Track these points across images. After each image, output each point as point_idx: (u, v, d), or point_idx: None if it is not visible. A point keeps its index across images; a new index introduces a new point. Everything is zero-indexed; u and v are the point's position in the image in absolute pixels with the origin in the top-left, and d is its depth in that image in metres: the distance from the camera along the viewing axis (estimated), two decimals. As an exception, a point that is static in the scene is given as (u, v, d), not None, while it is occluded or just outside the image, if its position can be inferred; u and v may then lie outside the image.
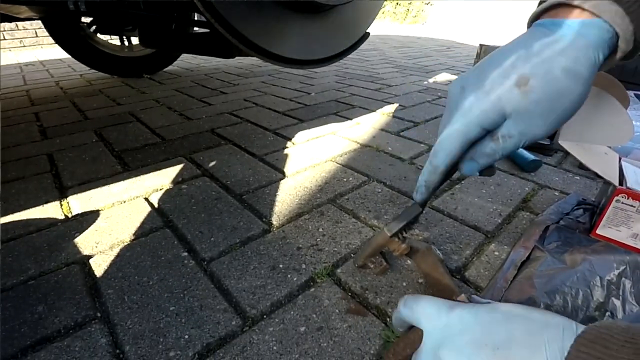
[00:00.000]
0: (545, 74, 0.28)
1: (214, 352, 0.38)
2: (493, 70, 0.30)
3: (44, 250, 0.54)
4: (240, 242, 0.56)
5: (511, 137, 0.31)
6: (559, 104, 0.28)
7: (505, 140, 0.31)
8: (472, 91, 0.31)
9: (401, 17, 6.46)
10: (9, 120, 1.16)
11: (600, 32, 0.26)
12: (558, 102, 0.28)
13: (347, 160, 0.84)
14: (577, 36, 0.27)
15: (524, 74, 0.28)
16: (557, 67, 0.27)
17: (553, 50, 0.27)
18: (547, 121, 0.29)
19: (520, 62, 0.29)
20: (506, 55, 0.30)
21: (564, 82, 0.27)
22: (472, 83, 0.31)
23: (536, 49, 0.28)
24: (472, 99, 0.31)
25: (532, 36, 0.29)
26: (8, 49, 2.97)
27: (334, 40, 1.12)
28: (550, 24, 0.28)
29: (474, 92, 0.31)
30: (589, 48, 0.26)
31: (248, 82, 1.72)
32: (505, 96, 0.29)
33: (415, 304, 0.32)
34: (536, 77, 0.28)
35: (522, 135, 0.30)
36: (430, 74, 1.89)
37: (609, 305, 0.42)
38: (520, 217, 0.61)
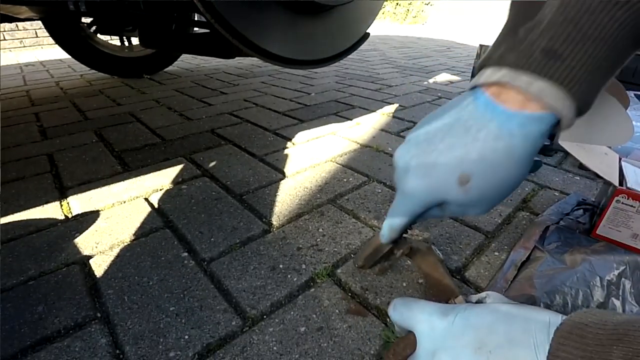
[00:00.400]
0: (486, 173, 0.27)
1: (214, 352, 0.38)
2: (436, 154, 0.29)
3: (44, 250, 0.54)
4: (240, 242, 0.56)
5: (453, 212, 0.33)
6: (499, 193, 0.29)
7: (450, 212, 0.33)
8: (414, 176, 0.31)
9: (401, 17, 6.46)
10: (9, 121, 1.16)
11: (544, 124, 0.26)
12: (498, 192, 0.29)
13: (347, 161, 0.84)
14: (521, 130, 0.26)
15: (464, 172, 0.28)
16: (498, 165, 0.27)
17: (495, 145, 0.26)
18: (488, 206, 0.30)
19: (462, 155, 0.28)
20: (448, 138, 0.29)
21: (504, 176, 0.27)
22: (415, 166, 0.31)
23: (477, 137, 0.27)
24: (416, 185, 0.31)
25: (476, 117, 0.28)
26: (8, 49, 2.97)
27: (334, 41, 1.12)
28: (493, 110, 0.27)
29: (418, 177, 0.31)
30: (532, 139, 0.26)
31: (248, 82, 1.72)
32: (447, 191, 0.29)
33: (406, 309, 0.32)
34: (477, 177, 0.28)
35: (464, 214, 0.32)
36: (430, 74, 1.89)
37: (609, 305, 0.42)
38: (520, 217, 0.61)
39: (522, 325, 0.25)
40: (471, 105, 0.28)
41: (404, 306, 0.33)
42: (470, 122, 0.28)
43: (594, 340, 0.21)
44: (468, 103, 0.29)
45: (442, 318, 0.29)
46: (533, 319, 0.25)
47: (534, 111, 0.25)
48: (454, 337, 0.28)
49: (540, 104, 0.25)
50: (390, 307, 0.34)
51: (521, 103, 0.26)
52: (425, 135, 0.31)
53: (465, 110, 0.29)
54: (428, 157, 0.30)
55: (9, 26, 2.94)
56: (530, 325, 0.25)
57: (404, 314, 0.32)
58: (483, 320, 0.27)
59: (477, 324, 0.27)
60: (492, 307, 0.28)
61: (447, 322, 0.29)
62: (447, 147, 0.29)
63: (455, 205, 0.31)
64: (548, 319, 0.25)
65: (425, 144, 0.31)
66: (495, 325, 0.26)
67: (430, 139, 0.30)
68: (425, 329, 0.30)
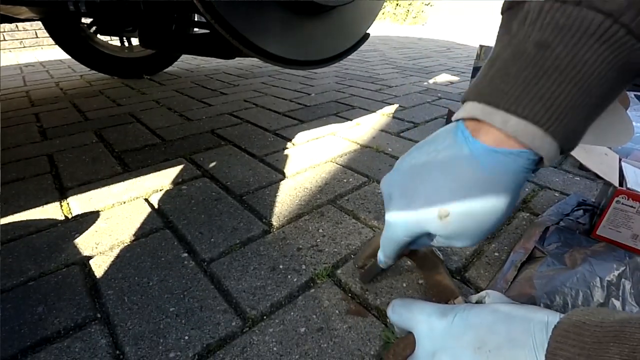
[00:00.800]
0: (464, 206, 0.27)
1: (214, 353, 0.38)
2: (416, 185, 0.30)
3: (44, 251, 0.54)
4: (240, 242, 0.56)
5: (441, 243, 0.32)
6: (481, 227, 0.28)
7: (437, 242, 0.33)
8: (397, 206, 0.32)
9: (401, 18, 6.46)
10: (9, 121, 1.16)
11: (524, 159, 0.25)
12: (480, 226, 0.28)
13: (347, 161, 0.84)
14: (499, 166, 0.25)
15: (443, 207, 0.28)
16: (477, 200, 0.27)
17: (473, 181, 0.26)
18: (472, 239, 0.30)
19: (441, 186, 0.28)
20: (429, 168, 0.29)
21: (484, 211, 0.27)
22: (398, 195, 0.32)
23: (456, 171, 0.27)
24: (398, 216, 0.32)
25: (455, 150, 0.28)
26: (8, 50, 2.97)
27: (334, 41, 1.12)
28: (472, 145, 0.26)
29: (400, 208, 0.31)
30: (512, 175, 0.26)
31: (248, 82, 1.72)
32: (427, 223, 0.30)
33: (405, 310, 0.32)
34: (456, 210, 0.27)
35: (451, 245, 0.32)
36: (430, 74, 1.89)
37: (609, 306, 0.41)
38: (520, 218, 0.61)
39: (521, 325, 0.25)
40: (452, 138, 0.28)
41: (403, 307, 0.33)
42: (450, 156, 0.28)
43: (591, 338, 0.21)
44: (450, 136, 0.29)
45: (441, 318, 0.29)
46: (532, 319, 0.25)
47: (512, 147, 0.25)
48: (454, 337, 0.28)
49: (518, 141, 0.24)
50: (389, 308, 0.34)
51: (499, 140, 0.25)
52: (409, 165, 0.32)
53: (446, 144, 0.29)
54: (409, 189, 0.30)
55: (9, 27, 2.94)
56: (530, 325, 0.25)
57: (403, 315, 0.32)
58: (483, 320, 0.27)
59: (477, 324, 0.27)
60: (491, 307, 0.28)
61: (446, 323, 0.29)
62: (427, 180, 0.29)
63: (439, 237, 0.31)
64: (547, 318, 0.25)
65: (407, 174, 0.31)
66: (494, 325, 0.26)
67: (413, 169, 0.31)
68: (425, 329, 0.30)
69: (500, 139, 0.25)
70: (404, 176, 0.31)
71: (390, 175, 0.33)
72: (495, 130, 0.25)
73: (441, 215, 0.28)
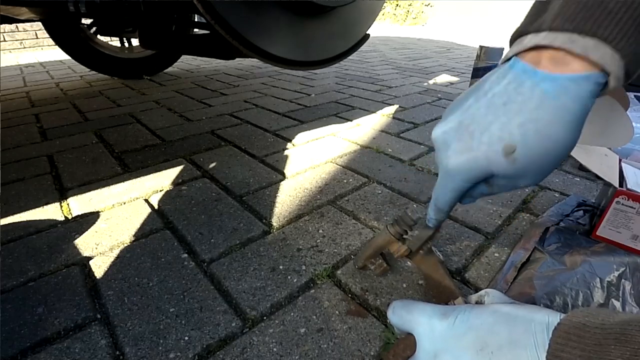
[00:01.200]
0: (532, 140, 0.26)
1: (214, 353, 0.38)
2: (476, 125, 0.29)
3: (44, 251, 0.54)
4: (240, 243, 0.56)
5: (502, 186, 0.31)
6: (547, 161, 0.27)
7: (498, 187, 0.32)
8: (457, 151, 0.30)
9: (401, 18, 6.46)
10: (9, 122, 1.16)
11: (591, 83, 0.24)
12: (548, 160, 0.27)
13: (347, 162, 0.84)
14: (566, 92, 0.24)
15: (510, 142, 0.27)
16: (544, 131, 0.26)
17: (539, 111, 0.25)
18: (538, 176, 0.29)
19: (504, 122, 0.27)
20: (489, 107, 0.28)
21: (551, 143, 0.26)
22: (456, 139, 0.30)
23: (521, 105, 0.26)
24: (459, 160, 0.30)
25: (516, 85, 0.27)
26: (8, 51, 2.98)
27: (334, 42, 1.12)
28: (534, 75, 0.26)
29: (460, 152, 0.30)
30: (579, 101, 0.25)
31: (248, 83, 1.73)
32: (492, 162, 0.28)
33: (405, 311, 0.32)
34: (523, 144, 0.26)
35: (513, 186, 0.31)
36: (430, 75, 1.89)
37: (609, 306, 0.41)
38: (520, 218, 0.61)
39: (523, 325, 0.25)
40: (510, 74, 0.27)
41: (403, 309, 0.33)
42: (511, 90, 0.27)
43: (592, 340, 0.21)
44: (507, 73, 0.28)
45: (442, 320, 0.29)
46: (533, 319, 0.25)
47: (578, 71, 0.24)
48: (455, 338, 0.28)
49: (585, 62, 0.24)
50: (389, 310, 0.34)
51: (564, 64, 0.24)
52: (462, 109, 0.30)
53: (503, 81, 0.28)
54: (468, 131, 0.29)
55: (9, 27, 2.94)
56: (531, 326, 0.25)
57: (403, 316, 0.32)
58: (484, 321, 0.27)
59: (478, 325, 0.27)
60: (492, 308, 0.28)
61: (447, 324, 0.29)
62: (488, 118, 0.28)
63: (503, 178, 0.30)
64: (547, 319, 0.25)
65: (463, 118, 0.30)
66: (496, 326, 0.26)
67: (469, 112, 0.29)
68: (426, 331, 0.30)
69: (566, 63, 0.24)
70: (459, 120, 0.30)
71: (442, 123, 0.32)
72: (559, 54, 0.24)
73: (507, 151, 0.27)
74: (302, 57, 1.03)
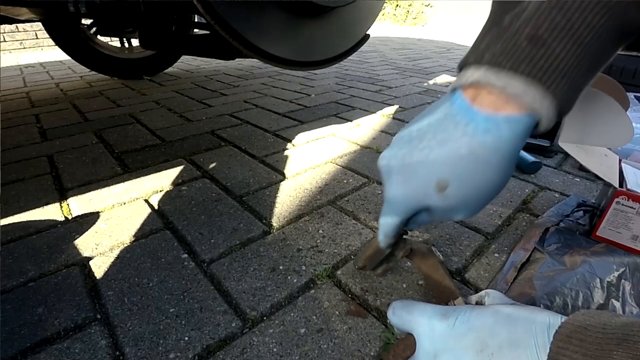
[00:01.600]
0: (463, 177, 0.27)
1: (214, 353, 0.38)
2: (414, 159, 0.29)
3: (44, 252, 0.54)
4: (240, 243, 0.56)
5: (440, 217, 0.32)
6: (480, 196, 0.28)
7: (438, 218, 0.33)
8: (396, 182, 0.32)
9: (401, 18, 6.46)
10: (9, 122, 1.16)
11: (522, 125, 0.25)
12: (479, 196, 0.28)
13: (347, 162, 0.84)
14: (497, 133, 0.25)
15: (442, 179, 0.28)
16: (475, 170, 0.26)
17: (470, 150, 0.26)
18: (471, 210, 0.30)
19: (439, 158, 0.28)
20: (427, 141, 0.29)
21: (483, 180, 0.27)
22: (396, 171, 0.31)
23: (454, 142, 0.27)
24: (397, 191, 0.32)
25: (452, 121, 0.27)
26: (8, 51, 2.98)
27: (334, 42, 1.12)
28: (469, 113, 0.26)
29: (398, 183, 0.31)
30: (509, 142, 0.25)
31: (248, 83, 1.73)
32: (426, 197, 0.30)
33: (405, 312, 0.32)
34: (454, 181, 0.27)
35: (450, 218, 0.32)
36: (430, 75, 1.89)
37: (609, 306, 0.42)
38: (520, 218, 0.61)
39: (523, 327, 0.25)
40: (448, 108, 0.28)
41: (403, 309, 0.33)
42: (446, 126, 0.28)
43: (593, 345, 0.21)
44: (446, 107, 0.28)
45: (442, 320, 0.29)
46: (534, 321, 0.25)
47: (510, 113, 0.25)
48: (455, 339, 0.28)
49: (518, 105, 0.24)
50: (389, 310, 0.34)
51: (498, 105, 0.25)
52: (406, 139, 0.31)
53: (442, 114, 0.28)
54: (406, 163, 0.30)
55: (9, 28, 2.94)
56: (531, 327, 0.25)
57: (403, 317, 0.32)
58: (484, 322, 0.27)
59: (478, 326, 0.27)
60: (492, 309, 0.28)
61: (447, 325, 0.29)
62: (423, 153, 0.29)
63: (438, 210, 0.31)
64: (548, 320, 0.25)
65: (405, 148, 0.31)
66: (496, 327, 0.26)
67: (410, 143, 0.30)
68: (426, 331, 0.30)
69: (499, 105, 0.25)
70: (401, 150, 0.31)
71: (388, 151, 0.33)
72: (494, 95, 0.25)
73: (440, 187, 0.28)
74: (302, 58, 1.03)
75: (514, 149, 0.26)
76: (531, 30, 0.23)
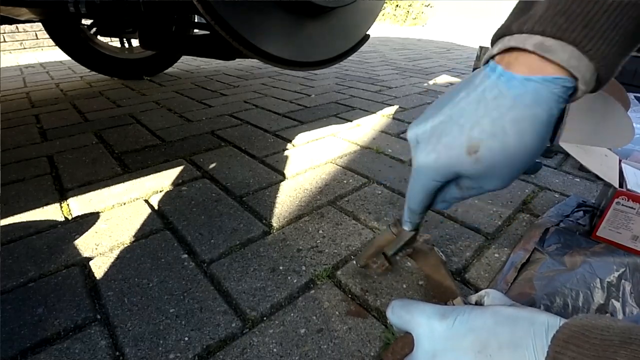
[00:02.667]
0: (496, 139, 0.26)
1: (214, 354, 0.38)
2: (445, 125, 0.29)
3: (43, 252, 0.54)
4: (240, 244, 0.56)
5: (472, 189, 0.32)
6: (513, 163, 0.27)
7: (468, 190, 0.32)
8: (425, 149, 0.31)
9: (401, 19, 6.47)
10: (9, 122, 1.16)
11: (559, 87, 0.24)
12: (512, 162, 0.27)
13: (347, 162, 0.84)
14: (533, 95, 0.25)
15: (473, 140, 0.27)
16: (509, 131, 0.26)
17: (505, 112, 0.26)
18: (503, 178, 0.29)
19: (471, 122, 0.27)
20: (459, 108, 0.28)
21: (516, 145, 0.26)
22: (425, 139, 0.31)
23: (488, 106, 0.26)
24: (426, 158, 0.31)
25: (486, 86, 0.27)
26: (8, 51, 2.98)
27: (334, 42, 1.12)
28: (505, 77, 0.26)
29: (428, 150, 0.31)
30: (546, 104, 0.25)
31: (248, 84, 1.73)
32: (457, 161, 0.29)
33: (405, 311, 0.32)
34: (486, 144, 0.27)
35: (482, 189, 0.31)
36: (430, 75, 1.89)
37: (609, 307, 0.42)
38: (520, 219, 0.61)
39: (522, 328, 0.25)
40: (483, 75, 0.28)
41: (403, 309, 0.33)
42: (482, 91, 0.27)
43: (591, 349, 0.21)
44: (480, 74, 0.28)
45: (441, 320, 0.29)
46: (534, 322, 0.25)
47: (547, 74, 0.24)
48: (454, 339, 0.28)
49: (555, 66, 0.24)
50: (388, 309, 0.34)
51: (534, 67, 0.25)
52: (435, 109, 0.31)
53: (477, 82, 0.28)
54: (437, 130, 0.30)
55: (9, 28, 2.94)
56: (531, 329, 0.25)
57: (402, 317, 0.32)
58: (484, 322, 0.27)
59: (478, 326, 0.27)
60: (492, 309, 0.28)
61: (446, 325, 0.29)
62: (455, 117, 0.28)
63: (469, 179, 0.30)
64: (547, 322, 0.25)
65: (435, 117, 0.30)
66: (495, 328, 0.26)
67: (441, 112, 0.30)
68: (425, 331, 0.30)
69: (535, 66, 0.25)
70: (432, 120, 0.30)
71: (417, 122, 0.32)
72: (529, 56, 0.25)
73: (470, 150, 0.27)
74: (302, 58, 1.03)
75: (550, 111, 0.25)
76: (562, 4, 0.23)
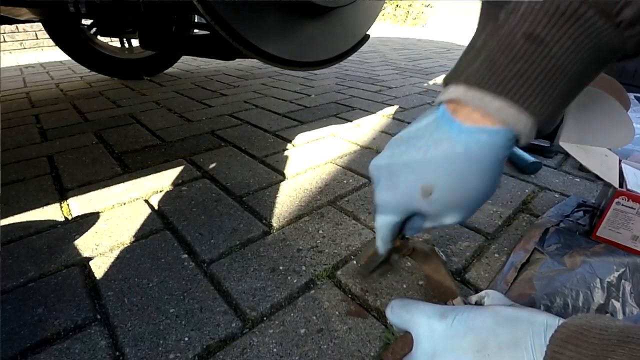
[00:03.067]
0: (447, 183, 0.28)
1: (214, 354, 0.38)
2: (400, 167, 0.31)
3: (44, 252, 0.54)
4: (240, 244, 0.56)
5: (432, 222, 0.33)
6: (468, 203, 0.29)
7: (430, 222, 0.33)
8: (383, 188, 0.33)
9: (401, 19, 6.46)
10: (9, 122, 1.16)
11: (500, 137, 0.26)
12: (466, 202, 0.29)
13: (348, 162, 0.84)
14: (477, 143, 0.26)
15: (426, 184, 0.29)
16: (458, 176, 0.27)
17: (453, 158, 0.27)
18: (461, 215, 0.30)
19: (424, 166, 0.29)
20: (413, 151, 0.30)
21: (468, 187, 0.28)
22: (385, 176, 0.33)
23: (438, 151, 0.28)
24: (385, 196, 0.33)
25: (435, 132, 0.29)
26: (8, 51, 2.98)
27: (334, 42, 1.12)
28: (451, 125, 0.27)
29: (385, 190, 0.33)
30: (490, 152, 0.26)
31: (248, 84, 1.73)
32: (413, 201, 0.30)
33: (404, 311, 0.32)
34: (439, 187, 0.28)
35: (442, 224, 0.32)
36: (430, 75, 1.89)
37: (609, 307, 0.42)
38: (520, 219, 0.61)
39: (521, 328, 0.25)
40: (433, 120, 0.29)
41: (402, 309, 0.33)
42: (431, 136, 0.29)
43: (589, 349, 0.21)
44: (431, 119, 0.30)
45: (441, 320, 0.29)
46: (533, 322, 0.25)
47: (488, 125, 0.26)
48: (454, 339, 0.28)
49: (493, 119, 0.25)
50: (387, 309, 0.34)
51: (475, 119, 0.26)
52: (394, 147, 0.32)
53: (428, 126, 0.30)
54: (394, 170, 0.31)
55: (9, 28, 2.94)
56: (529, 329, 0.25)
57: (402, 316, 0.32)
58: (483, 322, 0.27)
59: (477, 326, 0.27)
60: (491, 309, 0.28)
61: (446, 325, 0.29)
62: (408, 157, 0.30)
63: (428, 216, 0.32)
64: (545, 322, 0.25)
65: (393, 156, 0.32)
66: (495, 328, 0.26)
67: (398, 151, 0.32)
68: (425, 331, 0.30)
69: (478, 118, 0.26)
70: (390, 158, 0.32)
71: (378, 159, 0.34)
72: (472, 109, 0.26)
73: (424, 192, 0.29)
74: (302, 58, 1.03)
75: (496, 157, 0.27)
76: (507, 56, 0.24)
